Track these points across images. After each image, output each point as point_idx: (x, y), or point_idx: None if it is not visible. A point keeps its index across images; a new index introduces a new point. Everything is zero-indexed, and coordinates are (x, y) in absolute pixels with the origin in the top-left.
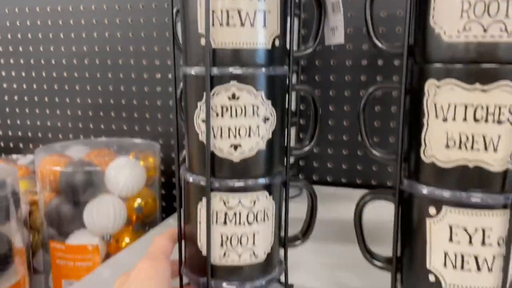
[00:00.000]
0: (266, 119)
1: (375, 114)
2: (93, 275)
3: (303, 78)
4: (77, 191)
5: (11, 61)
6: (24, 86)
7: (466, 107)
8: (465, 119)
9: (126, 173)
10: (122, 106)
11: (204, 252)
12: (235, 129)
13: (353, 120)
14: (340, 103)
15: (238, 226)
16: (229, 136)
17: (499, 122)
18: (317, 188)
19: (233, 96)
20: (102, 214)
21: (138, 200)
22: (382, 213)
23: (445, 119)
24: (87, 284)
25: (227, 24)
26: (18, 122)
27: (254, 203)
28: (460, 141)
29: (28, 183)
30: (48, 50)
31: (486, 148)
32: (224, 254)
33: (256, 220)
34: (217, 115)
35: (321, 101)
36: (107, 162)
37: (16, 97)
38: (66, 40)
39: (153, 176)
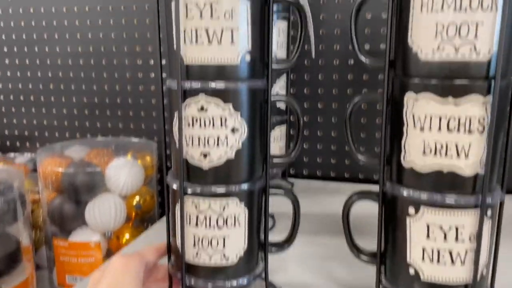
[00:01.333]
0: (234, 130)
1: (361, 125)
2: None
3: (293, 77)
4: (79, 191)
5: (6, 61)
6: (20, 85)
7: (440, 118)
8: (439, 129)
9: (125, 172)
10: (117, 105)
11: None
12: (204, 139)
13: (340, 116)
14: (328, 101)
15: (209, 229)
16: (199, 145)
17: (470, 131)
18: (307, 182)
19: (202, 108)
20: (103, 212)
21: (137, 198)
22: (368, 208)
23: (422, 129)
24: None
25: (196, 42)
26: (15, 121)
27: (224, 208)
28: (436, 149)
29: (28, 182)
30: (43, 50)
31: (458, 154)
32: (197, 254)
33: (226, 224)
34: (188, 125)
35: (309, 99)
36: (107, 162)
37: (12, 97)
38: (61, 40)
39: (151, 174)
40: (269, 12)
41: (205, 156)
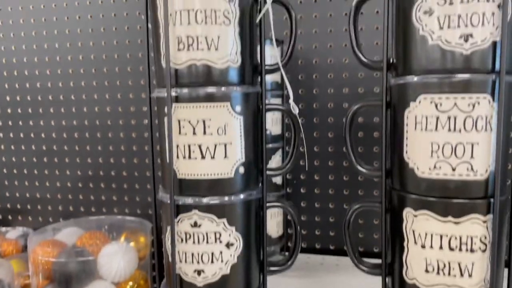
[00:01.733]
0: (229, 245)
1: (360, 227)
2: None
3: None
4: (70, 280)
5: (1, 135)
6: (14, 159)
7: (441, 237)
8: (441, 247)
9: (118, 259)
10: (111, 178)
11: None
12: (198, 255)
13: (338, 188)
14: (324, 173)
15: None
16: (192, 261)
17: (472, 251)
18: (306, 257)
19: (195, 224)
20: None
21: (130, 284)
22: None
23: (423, 246)
24: None
25: (189, 157)
26: (7, 194)
27: None
28: (438, 267)
29: (18, 264)
30: (38, 124)
31: (462, 274)
32: None
33: None
34: (181, 240)
35: (307, 171)
36: (99, 247)
37: (5, 170)
38: (56, 114)
39: (145, 255)
40: (262, 123)
41: (199, 273)
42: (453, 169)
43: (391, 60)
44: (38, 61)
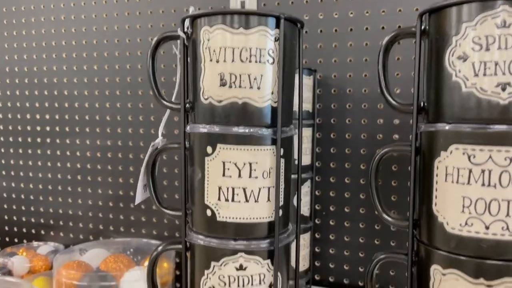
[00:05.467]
0: (271, 285)
1: (389, 279)
2: None
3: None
4: None
5: (38, 151)
6: (49, 175)
7: None
8: None
9: (140, 285)
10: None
11: None
12: None
13: (369, 221)
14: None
15: None
16: None
17: None
18: None
19: (241, 267)
20: None
21: None
22: None
23: None
24: None
25: (232, 200)
26: (41, 209)
27: None
28: None
29: (45, 282)
30: (74, 142)
31: None
32: None
33: None
34: (224, 284)
35: (335, 201)
36: (123, 272)
37: (40, 185)
38: (91, 134)
39: (167, 282)
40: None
41: None
42: (487, 228)
43: (422, 104)
44: (77, 82)
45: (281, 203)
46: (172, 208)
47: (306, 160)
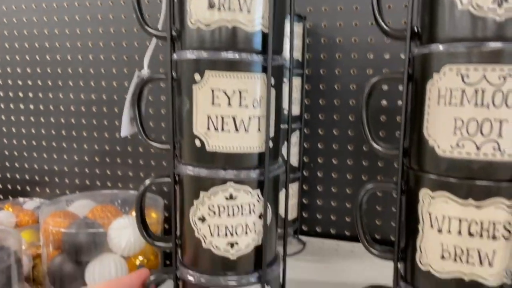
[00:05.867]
0: (261, 216)
1: (377, 213)
2: None
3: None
4: (80, 251)
5: (21, 106)
6: (33, 130)
7: (460, 221)
8: (459, 232)
9: (129, 233)
10: (128, 153)
11: None
12: (232, 228)
13: (356, 173)
14: (342, 157)
15: None
16: (226, 234)
17: (494, 237)
18: (320, 241)
19: (231, 197)
20: (104, 273)
21: (140, 258)
22: None
23: (440, 230)
24: None
25: (222, 129)
26: (26, 165)
27: None
28: (455, 254)
29: (32, 234)
30: (57, 96)
31: (481, 262)
32: None
33: None
34: (214, 214)
35: (323, 154)
36: (110, 220)
37: (24, 141)
38: (75, 87)
39: (156, 231)
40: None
41: (232, 245)
42: (478, 148)
43: (415, 29)
44: (59, 34)
45: (272, 135)
46: (159, 140)
47: (295, 110)
